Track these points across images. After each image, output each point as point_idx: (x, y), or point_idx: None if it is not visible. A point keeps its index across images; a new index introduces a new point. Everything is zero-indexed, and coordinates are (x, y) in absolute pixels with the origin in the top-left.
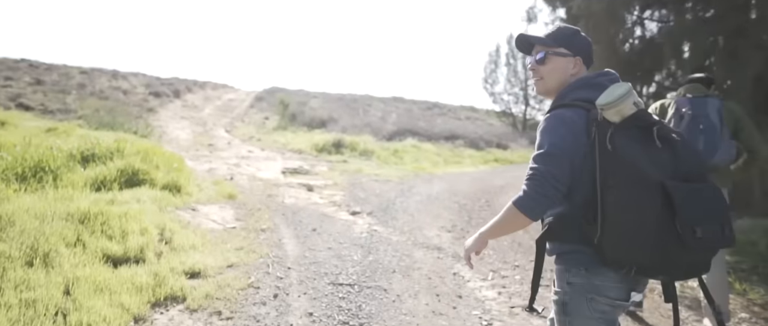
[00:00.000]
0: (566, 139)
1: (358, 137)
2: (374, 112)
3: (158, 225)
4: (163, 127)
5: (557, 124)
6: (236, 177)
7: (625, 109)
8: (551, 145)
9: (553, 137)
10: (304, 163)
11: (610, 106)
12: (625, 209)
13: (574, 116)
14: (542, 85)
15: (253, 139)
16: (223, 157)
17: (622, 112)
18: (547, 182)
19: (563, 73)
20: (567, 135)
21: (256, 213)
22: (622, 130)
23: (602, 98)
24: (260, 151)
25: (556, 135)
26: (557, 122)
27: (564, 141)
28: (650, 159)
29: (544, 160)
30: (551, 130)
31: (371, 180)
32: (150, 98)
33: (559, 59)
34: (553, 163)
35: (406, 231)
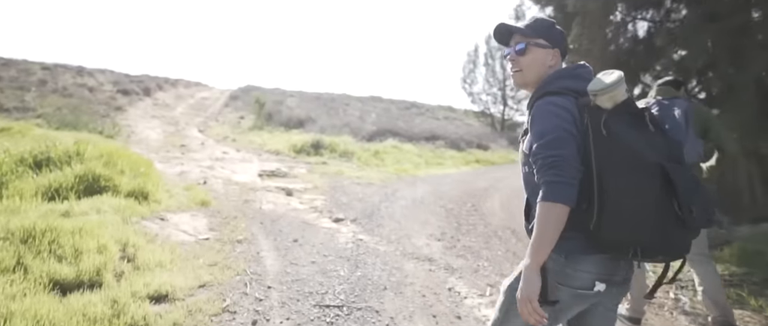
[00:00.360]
0: (566, 123)
1: (338, 137)
2: (352, 112)
3: (120, 239)
4: (132, 127)
5: (554, 109)
6: (210, 181)
7: (618, 95)
8: (556, 128)
9: (555, 120)
10: (282, 164)
11: (604, 92)
12: (626, 192)
13: (566, 102)
14: (521, 77)
15: (228, 139)
16: (196, 159)
17: (615, 98)
18: (568, 165)
19: (542, 65)
20: (567, 116)
21: (231, 222)
22: (615, 115)
23: (595, 84)
24: (235, 153)
25: (557, 118)
26: (554, 107)
27: (565, 124)
28: (646, 143)
29: (556, 144)
30: (550, 114)
31: (353, 183)
32: (118, 96)
33: (539, 50)
34: (564, 145)
35: (394, 240)
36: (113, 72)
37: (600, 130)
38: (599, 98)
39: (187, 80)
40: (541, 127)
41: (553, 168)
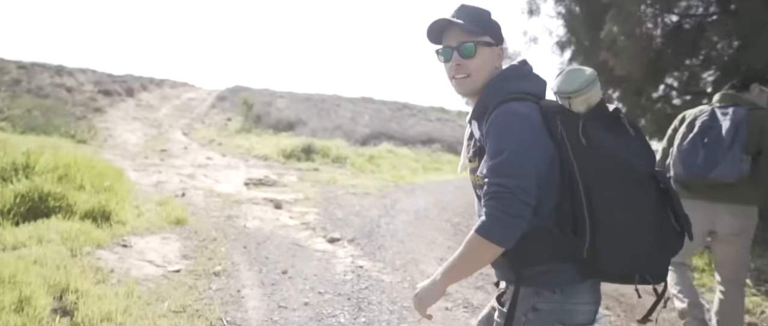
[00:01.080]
0: (529, 141)
1: (330, 141)
2: (344, 113)
3: (57, 284)
4: (111, 130)
5: (513, 122)
6: (190, 192)
7: (593, 96)
8: (513, 152)
9: (513, 140)
10: (271, 171)
11: (579, 94)
12: (620, 208)
13: (528, 110)
14: (470, 84)
15: (214, 143)
16: (176, 166)
17: (590, 100)
18: (516, 199)
19: (491, 68)
20: (528, 134)
21: (210, 246)
22: (592, 120)
23: (568, 84)
24: (221, 158)
25: (516, 136)
26: (513, 120)
27: (527, 143)
28: (630, 150)
29: (507, 170)
30: (507, 130)
31: (348, 193)
32: (99, 97)
33: (487, 50)
34: (518, 173)
35: (399, 266)
36: (95, 72)
37: (578, 138)
38: (573, 100)
39: (173, 80)
40: (495, 144)
41: (496, 199)
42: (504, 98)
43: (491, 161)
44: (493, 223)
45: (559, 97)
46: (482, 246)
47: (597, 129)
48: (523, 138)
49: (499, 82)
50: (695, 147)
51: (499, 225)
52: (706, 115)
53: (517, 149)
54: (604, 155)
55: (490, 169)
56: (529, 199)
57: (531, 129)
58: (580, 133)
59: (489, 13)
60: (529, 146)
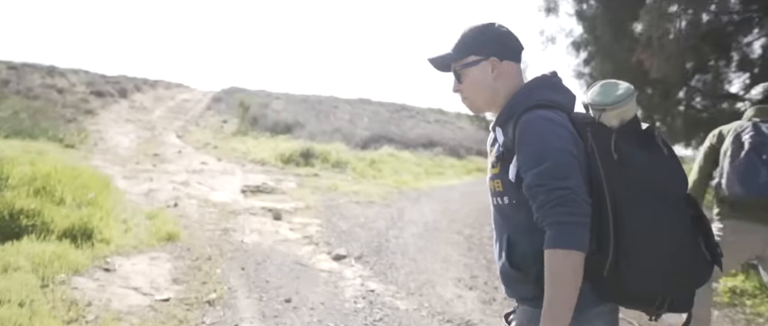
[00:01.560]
0: (567, 139)
1: (329, 145)
2: (342, 115)
3: None
4: (102, 133)
5: (550, 125)
6: (183, 202)
7: (628, 110)
8: (559, 151)
9: (555, 142)
10: (269, 177)
11: (615, 107)
12: (647, 227)
13: (561, 118)
14: (471, 104)
15: (209, 146)
16: (169, 172)
17: (624, 115)
18: (579, 199)
19: (485, 83)
20: (565, 134)
21: (204, 267)
22: (625, 135)
23: (603, 97)
24: (216, 163)
25: (557, 138)
26: (549, 123)
27: (566, 142)
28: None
29: (561, 172)
30: (547, 132)
31: (350, 201)
32: (91, 98)
33: (473, 69)
34: (571, 173)
35: (414, 289)
36: (88, 72)
37: (610, 152)
38: (606, 114)
39: (167, 81)
40: (537, 149)
41: (562, 204)
42: (533, 104)
43: (537, 167)
44: (569, 229)
45: (591, 109)
46: (571, 259)
47: (629, 145)
48: (562, 139)
49: (528, 90)
50: (754, 165)
51: (575, 229)
52: (750, 131)
53: (562, 149)
54: (635, 172)
55: (538, 176)
56: (587, 197)
57: (569, 134)
58: (612, 146)
59: (478, 30)
60: (571, 147)
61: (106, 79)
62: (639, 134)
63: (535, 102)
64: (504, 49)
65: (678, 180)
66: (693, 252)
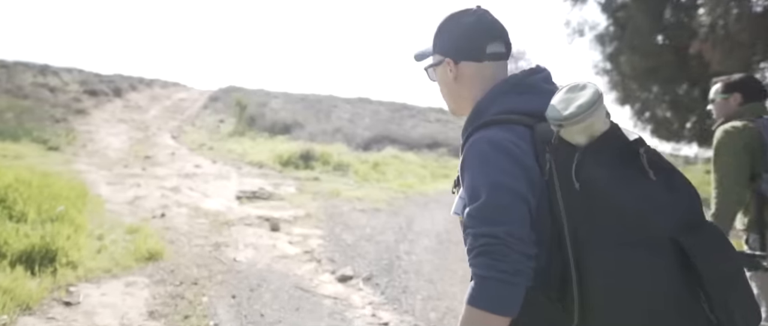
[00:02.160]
0: (512, 175)
1: (330, 146)
2: (341, 115)
3: None
4: (92, 133)
5: (487, 153)
6: (171, 211)
7: (595, 123)
8: (494, 187)
9: (490, 173)
10: (266, 181)
11: (574, 121)
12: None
13: (511, 137)
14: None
15: (204, 147)
16: (159, 177)
17: (592, 130)
18: (510, 250)
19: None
20: (509, 168)
21: (187, 294)
22: (593, 155)
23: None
24: (211, 165)
25: (493, 169)
26: (488, 150)
27: (509, 178)
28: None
29: (491, 213)
30: (483, 163)
31: (354, 208)
32: (84, 97)
33: (437, 70)
34: (505, 217)
35: (435, 321)
36: (82, 71)
37: (570, 179)
38: (566, 129)
39: (164, 80)
40: (472, 182)
41: (485, 254)
42: (484, 121)
43: (471, 205)
44: (489, 288)
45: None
46: (480, 320)
47: (599, 167)
48: (504, 172)
49: (492, 98)
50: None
51: (496, 288)
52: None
53: (497, 185)
54: (603, 203)
55: (469, 215)
56: (525, 248)
57: (514, 162)
58: (573, 172)
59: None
60: (513, 182)
61: (100, 78)
62: (619, 153)
63: (490, 116)
64: (459, 47)
65: (665, 216)
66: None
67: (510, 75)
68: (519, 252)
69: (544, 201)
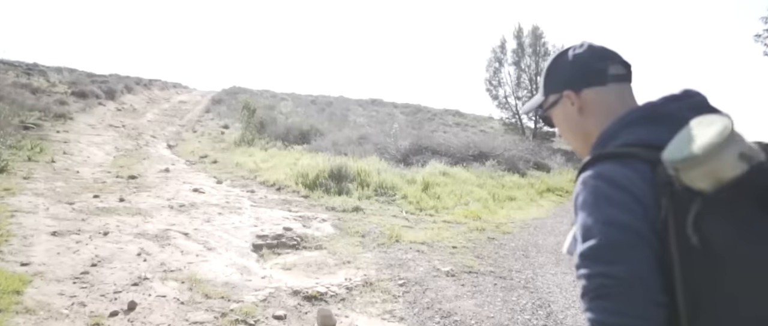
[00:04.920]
0: (631, 210)
1: (363, 160)
2: (357, 118)
3: None
4: (69, 143)
5: (602, 190)
6: (150, 291)
7: (722, 167)
8: (610, 225)
9: (606, 211)
10: (291, 214)
11: (694, 163)
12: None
13: (631, 173)
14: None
15: (207, 160)
16: (142, 212)
17: (718, 174)
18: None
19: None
20: (628, 203)
21: None
22: (720, 206)
23: (675, 147)
24: (214, 186)
25: (610, 207)
26: (603, 186)
27: (628, 213)
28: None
29: (606, 253)
30: (596, 201)
31: (433, 267)
32: (71, 99)
33: (555, 110)
34: (624, 254)
35: None
36: (74, 70)
37: (686, 232)
38: (686, 173)
39: (163, 81)
40: (585, 220)
41: (602, 297)
42: (604, 153)
43: (584, 245)
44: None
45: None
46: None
47: (727, 221)
48: (623, 208)
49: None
50: None
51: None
52: None
53: (616, 223)
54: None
55: (582, 256)
56: (650, 292)
57: (634, 199)
58: (691, 225)
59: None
60: (633, 220)
61: (93, 78)
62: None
63: (610, 149)
64: (577, 76)
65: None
66: None
67: (642, 103)
68: (642, 295)
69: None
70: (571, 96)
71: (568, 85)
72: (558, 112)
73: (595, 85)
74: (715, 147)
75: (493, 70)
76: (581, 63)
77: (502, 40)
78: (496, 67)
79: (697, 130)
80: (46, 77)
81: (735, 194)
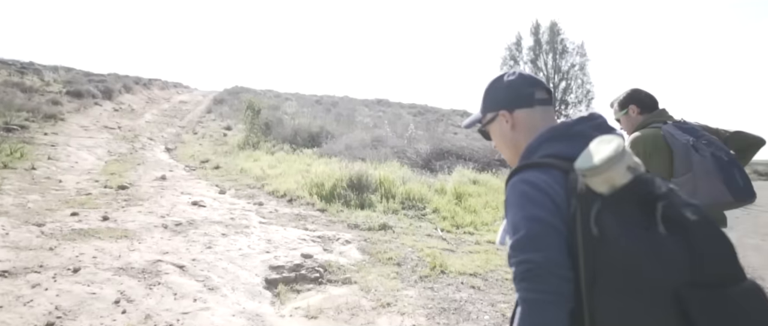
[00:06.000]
0: (547, 208)
1: (384, 166)
2: (364, 119)
3: None
4: (56, 147)
5: (527, 192)
6: None
7: (615, 176)
8: (531, 221)
9: (529, 208)
10: (308, 233)
11: (595, 172)
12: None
13: (548, 179)
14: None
15: (208, 165)
16: (129, 234)
17: (613, 181)
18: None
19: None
20: (546, 202)
21: None
22: (614, 205)
23: (582, 159)
24: (216, 197)
25: (532, 205)
26: (527, 189)
27: (544, 210)
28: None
29: (529, 243)
30: (521, 198)
31: (502, 314)
32: (65, 99)
33: (493, 125)
34: (541, 244)
35: None
36: (70, 69)
37: (589, 225)
38: (590, 180)
39: (164, 80)
40: (513, 217)
41: (526, 279)
42: (526, 164)
43: (512, 238)
44: (534, 309)
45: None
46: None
47: (620, 219)
48: (540, 207)
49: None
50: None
51: (541, 309)
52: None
53: (535, 218)
54: (616, 254)
55: (512, 247)
56: (564, 272)
57: (550, 199)
58: (592, 219)
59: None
60: (548, 216)
61: (90, 77)
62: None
63: (533, 160)
64: (510, 98)
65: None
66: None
67: (560, 122)
68: (558, 275)
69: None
70: (505, 115)
71: (503, 106)
72: (495, 127)
73: (524, 106)
74: (611, 160)
75: (508, 68)
76: (514, 88)
77: (517, 37)
78: (511, 65)
79: (599, 146)
80: (40, 76)
81: (623, 197)
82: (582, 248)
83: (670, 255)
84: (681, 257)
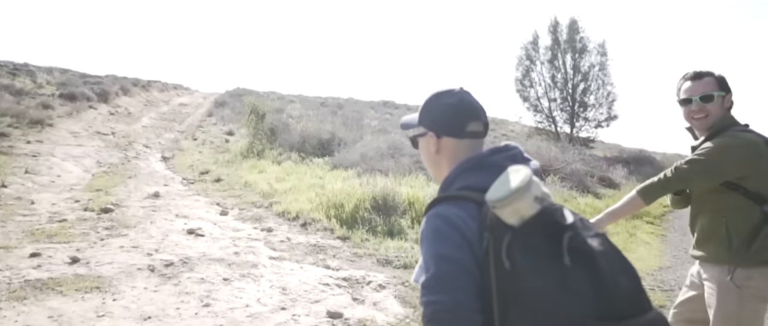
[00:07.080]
0: (460, 248)
1: (408, 180)
2: (372, 122)
3: None
4: (39, 157)
5: (439, 228)
6: None
7: (523, 207)
8: (441, 260)
9: (440, 247)
10: (331, 275)
11: (504, 203)
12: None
13: (462, 214)
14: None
15: (208, 178)
16: (102, 285)
17: (521, 212)
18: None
19: (429, 157)
20: (457, 240)
21: None
22: (524, 238)
23: (492, 191)
24: (217, 221)
25: (443, 243)
26: (440, 224)
27: (455, 249)
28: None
29: (437, 283)
30: (433, 237)
31: None
32: (57, 102)
33: (421, 141)
34: (453, 286)
35: None
36: (66, 71)
37: (501, 257)
38: (499, 211)
39: (163, 82)
40: (425, 255)
41: (432, 321)
42: (442, 197)
43: (424, 276)
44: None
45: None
46: None
47: (529, 251)
48: (452, 245)
49: (454, 176)
50: None
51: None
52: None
53: (446, 258)
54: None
55: (422, 286)
56: (472, 315)
57: (461, 236)
58: (504, 251)
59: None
60: (459, 255)
61: (86, 79)
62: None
63: (449, 193)
64: (442, 123)
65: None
66: None
67: (474, 154)
68: (465, 318)
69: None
70: (433, 137)
71: (433, 128)
72: (422, 142)
73: (453, 136)
74: (519, 191)
75: (524, 68)
76: (449, 115)
77: (534, 36)
78: (528, 65)
79: (509, 177)
80: (33, 78)
81: (533, 228)
82: (494, 281)
83: (578, 287)
84: (587, 288)
